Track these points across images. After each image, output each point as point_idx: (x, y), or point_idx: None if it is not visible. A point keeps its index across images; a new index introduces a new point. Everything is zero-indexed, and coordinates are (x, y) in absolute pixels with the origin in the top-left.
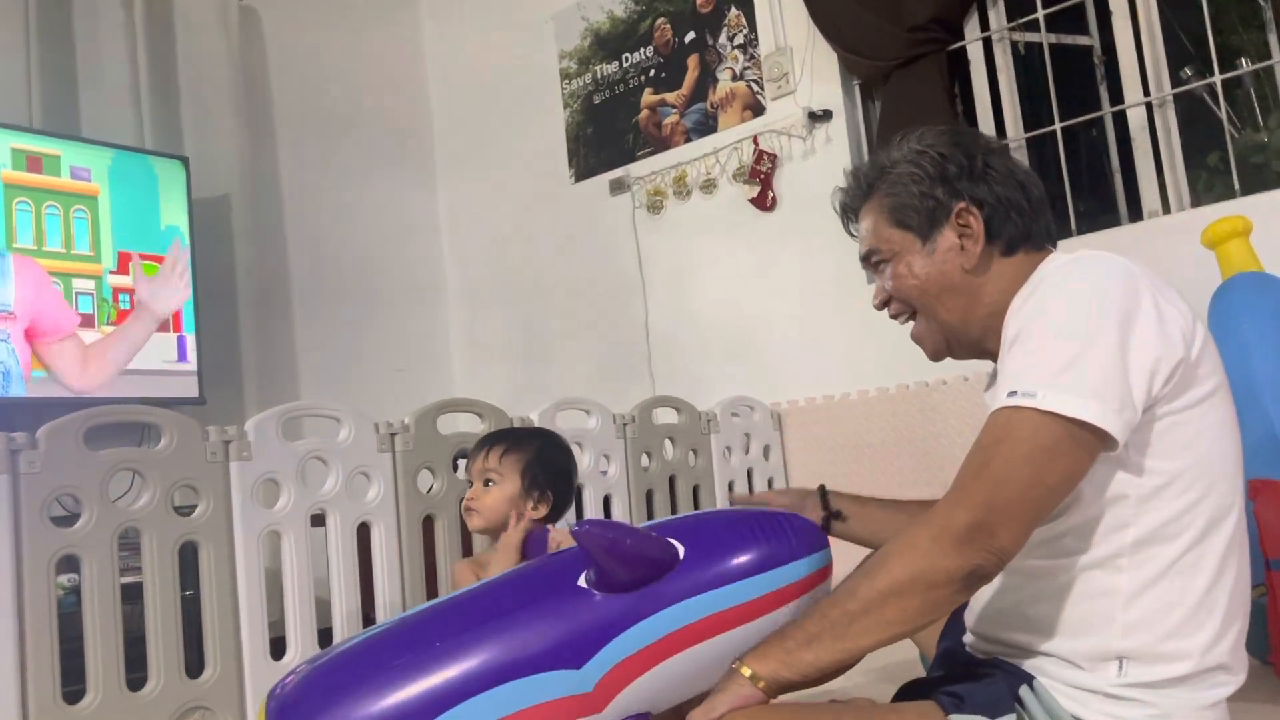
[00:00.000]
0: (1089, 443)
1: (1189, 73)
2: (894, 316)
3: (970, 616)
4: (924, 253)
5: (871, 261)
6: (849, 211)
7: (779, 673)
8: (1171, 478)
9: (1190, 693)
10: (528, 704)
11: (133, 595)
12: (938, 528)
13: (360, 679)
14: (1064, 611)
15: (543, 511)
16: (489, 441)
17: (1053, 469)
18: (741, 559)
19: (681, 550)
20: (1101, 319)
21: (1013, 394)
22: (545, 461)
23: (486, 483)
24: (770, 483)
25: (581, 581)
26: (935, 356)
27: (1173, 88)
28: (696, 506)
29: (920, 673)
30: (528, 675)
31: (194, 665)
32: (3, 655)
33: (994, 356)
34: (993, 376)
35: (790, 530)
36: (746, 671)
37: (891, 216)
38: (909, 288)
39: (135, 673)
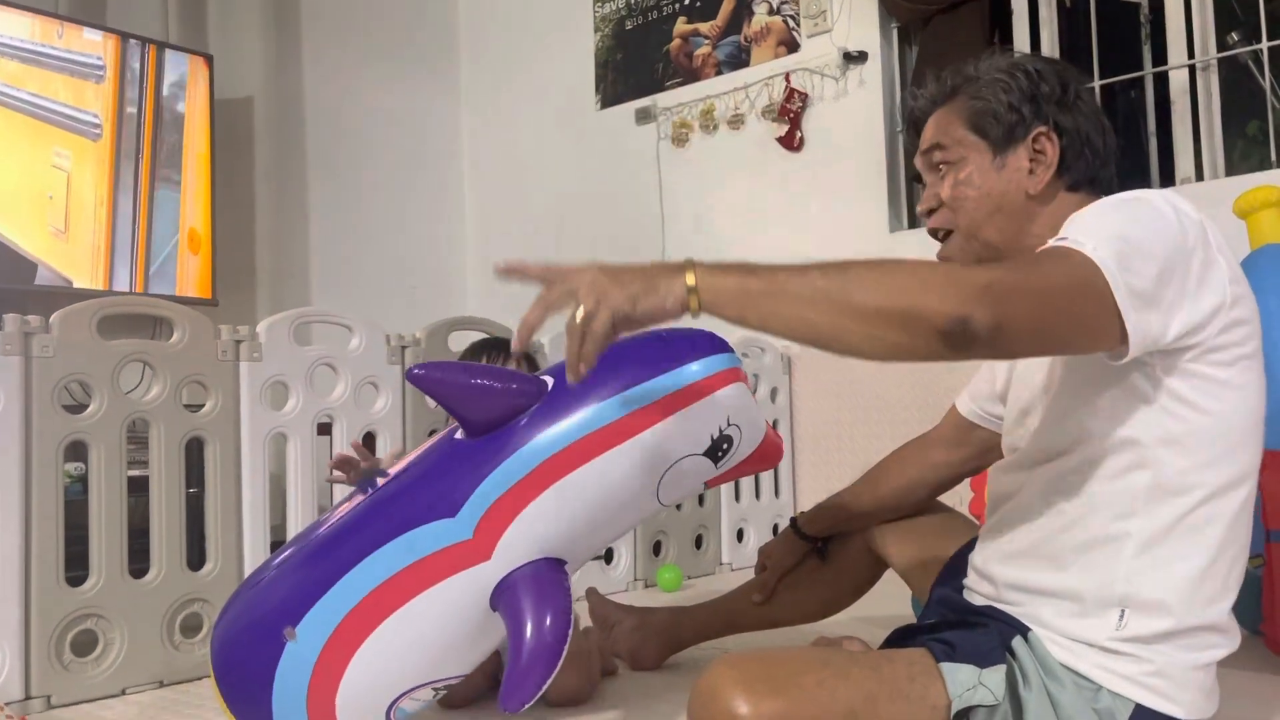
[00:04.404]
0: (1108, 321)
1: (1236, 38)
2: (933, 228)
3: (979, 554)
4: (993, 166)
5: (934, 160)
6: (919, 117)
7: (719, 304)
8: (1194, 428)
9: (1185, 653)
10: (410, 560)
11: (138, 490)
12: (962, 271)
13: (257, 578)
14: (1075, 549)
15: None
16: (503, 350)
17: (1084, 302)
18: (610, 377)
19: (551, 382)
20: (1155, 233)
21: (1061, 240)
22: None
23: None
24: (775, 424)
25: (458, 435)
26: None
27: (1218, 52)
28: None
29: (912, 619)
30: (404, 533)
31: (195, 560)
32: (8, 534)
33: None
34: None
35: (671, 341)
36: (690, 279)
37: (970, 120)
38: (966, 197)
39: (137, 564)
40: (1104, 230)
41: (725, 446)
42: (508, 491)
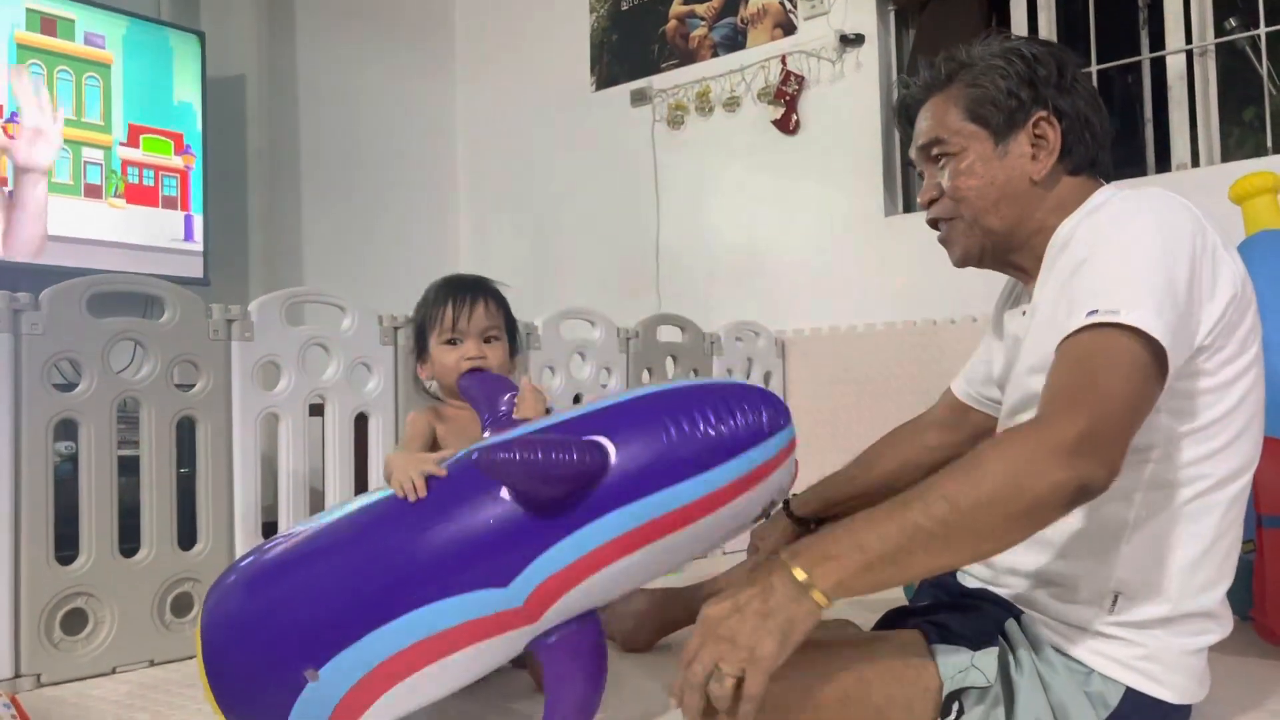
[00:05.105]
0: (1162, 367)
1: (1233, 23)
2: (933, 219)
3: None
4: (995, 154)
5: (932, 154)
6: (911, 105)
7: (850, 590)
8: (1202, 424)
9: (1179, 638)
10: (454, 622)
11: (128, 470)
12: (1045, 438)
13: (285, 597)
14: (1072, 535)
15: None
16: (479, 292)
17: (1146, 388)
18: (678, 454)
19: (612, 451)
20: (1171, 254)
21: (1093, 313)
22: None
23: (489, 339)
24: None
25: (504, 493)
26: (963, 262)
27: (1215, 37)
28: None
29: (903, 601)
30: (449, 597)
31: (186, 539)
32: None
33: (1022, 272)
34: (1015, 297)
35: (739, 414)
36: (800, 575)
37: (969, 109)
38: (968, 187)
39: (128, 543)
40: (1129, 277)
41: (770, 509)
42: (564, 569)
